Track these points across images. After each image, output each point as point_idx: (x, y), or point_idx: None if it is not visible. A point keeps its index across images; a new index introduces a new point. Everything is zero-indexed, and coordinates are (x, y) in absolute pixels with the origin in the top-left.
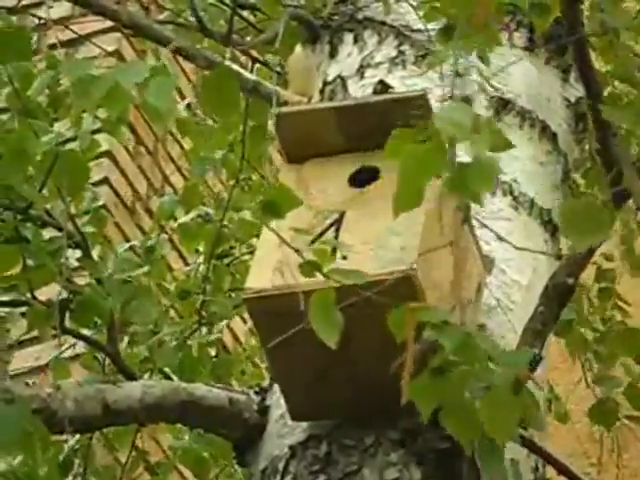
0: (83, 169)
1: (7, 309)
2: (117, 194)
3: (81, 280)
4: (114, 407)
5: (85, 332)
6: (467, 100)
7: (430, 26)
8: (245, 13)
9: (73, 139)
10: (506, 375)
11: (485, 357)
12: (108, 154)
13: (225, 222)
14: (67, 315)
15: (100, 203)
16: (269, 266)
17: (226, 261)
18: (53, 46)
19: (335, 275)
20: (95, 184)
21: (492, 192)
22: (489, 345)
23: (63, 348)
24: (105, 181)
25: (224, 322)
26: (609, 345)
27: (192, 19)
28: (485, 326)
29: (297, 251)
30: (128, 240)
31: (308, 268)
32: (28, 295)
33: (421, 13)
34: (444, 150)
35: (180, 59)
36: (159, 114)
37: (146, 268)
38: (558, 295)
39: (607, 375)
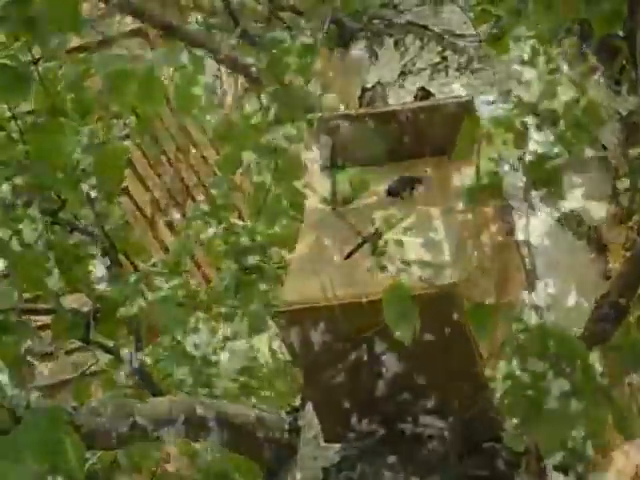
0: (119, 165)
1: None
2: (136, 204)
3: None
4: (141, 423)
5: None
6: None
7: (473, 32)
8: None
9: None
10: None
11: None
12: (128, 162)
13: (255, 234)
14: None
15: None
16: (304, 279)
17: (254, 275)
18: (76, 49)
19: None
20: None
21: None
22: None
23: (87, 365)
24: (124, 191)
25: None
26: None
27: (221, 20)
28: None
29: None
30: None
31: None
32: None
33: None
34: None
35: None
36: (190, 99)
37: (177, 281)
38: (608, 316)
39: None
